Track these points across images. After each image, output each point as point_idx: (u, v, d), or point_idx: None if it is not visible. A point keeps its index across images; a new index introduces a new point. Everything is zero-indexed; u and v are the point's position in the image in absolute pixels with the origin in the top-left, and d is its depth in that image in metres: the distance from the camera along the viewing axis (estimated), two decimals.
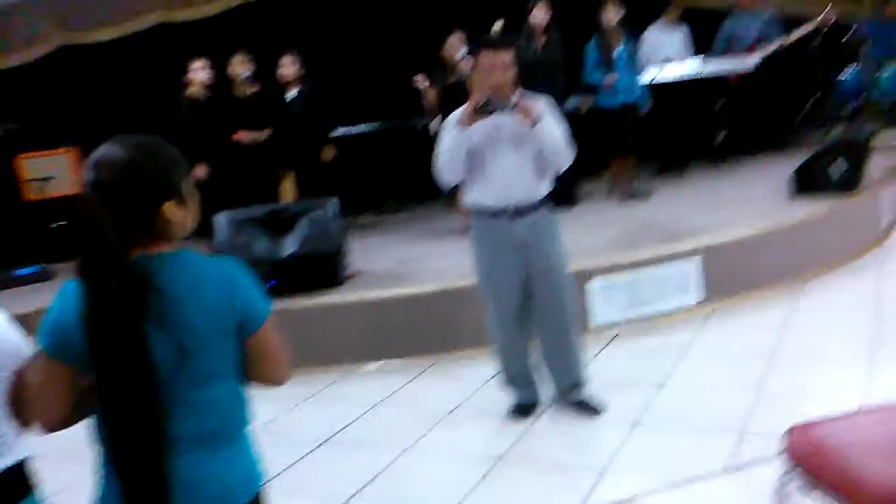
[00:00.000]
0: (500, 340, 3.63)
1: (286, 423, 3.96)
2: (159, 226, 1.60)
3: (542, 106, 3.34)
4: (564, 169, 3.45)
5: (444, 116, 3.55)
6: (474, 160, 3.37)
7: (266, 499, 1.74)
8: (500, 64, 3.28)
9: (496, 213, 3.41)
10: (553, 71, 6.36)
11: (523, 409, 3.67)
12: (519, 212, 3.39)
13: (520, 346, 3.61)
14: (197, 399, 1.59)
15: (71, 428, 1.65)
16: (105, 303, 1.50)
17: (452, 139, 3.31)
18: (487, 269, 3.51)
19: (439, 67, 6.16)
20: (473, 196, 3.46)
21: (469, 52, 3.57)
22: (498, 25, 6.20)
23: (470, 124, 3.26)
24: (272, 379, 1.74)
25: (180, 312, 1.55)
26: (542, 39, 6.30)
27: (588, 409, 3.61)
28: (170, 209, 1.60)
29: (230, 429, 1.67)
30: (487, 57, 3.31)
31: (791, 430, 2.19)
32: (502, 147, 3.35)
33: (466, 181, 3.46)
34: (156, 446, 1.52)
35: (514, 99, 3.26)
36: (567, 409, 3.67)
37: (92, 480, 1.64)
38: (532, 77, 6.06)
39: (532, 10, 6.27)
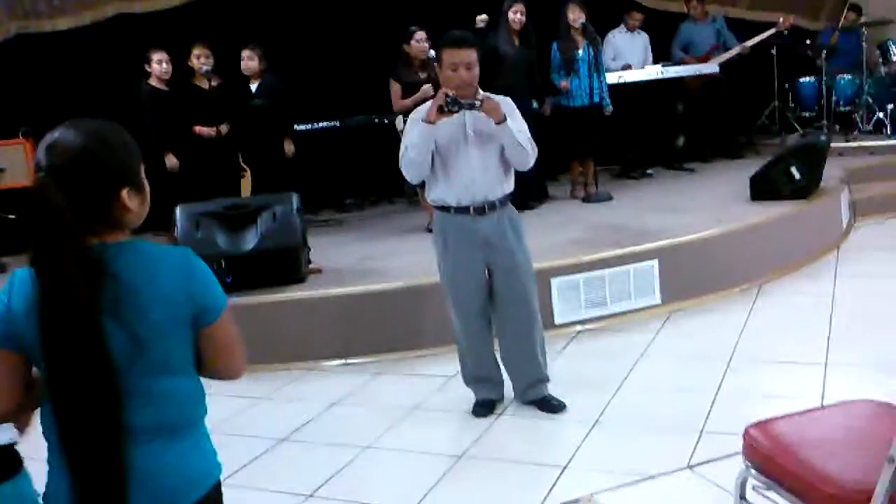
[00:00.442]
0: (462, 338, 3.62)
1: (245, 419, 3.90)
2: (115, 214, 1.56)
3: (507, 105, 3.34)
4: (528, 168, 3.45)
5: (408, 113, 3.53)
6: (438, 158, 3.36)
7: (221, 491, 1.71)
8: (464, 62, 3.27)
9: (459, 210, 3.40)
10: (531, 71, 6.39)
11: (485, 407, 3.66)
12: (482, 209, 3.39)
13: (482, 343, 3.61)
14: (152, 390, 1.56)
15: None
16: (60, 290, 1.45)
17: (418, 136, 3.28)
18: (451, 266, 3.50)
19: (403, 62, 6.12)
20: (437, 193, 3.45)
21: (433, 49, 3.55)
22: (481, 19, 6.20)
23: (435, 122, 3.24)
24: (228, 371, 1.72)
25: (136, 302, 1.51)
26: (517, 40, 6.31)
27: (549, 406, 3.62)
28: (127, 196, 1.56)
29: (187, 420, 1.64)
30: (451, 54, 3.29)
31: (749, 429, 2.21)
32: (467, 145, 3.35)
33: (430, 178, 3.44)
34: (112, 437, 1.48)
35: (479, 97, 3.25)
36: (528, 407, 3.67)
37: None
38: (514, 77, 6.13)
39: (509, 10, 6.25)
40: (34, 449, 1.63)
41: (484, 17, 6.33)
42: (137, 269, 1.54)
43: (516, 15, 6.23)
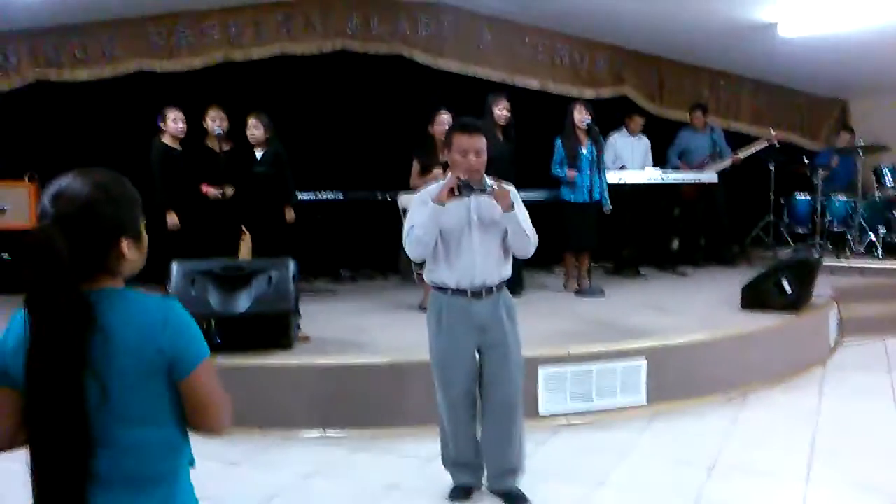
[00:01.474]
0: (446, 420, 3.57)
1: (218, 484, 3.81)
2: (113, 262, 1.60)
3: (513, 194, 3.36)
4: (528, 255, 3.48)
5: None
6: (441, 240, 3.38)
7: None
8: (474, 148, 3.32)
9: (457, 293, 3.41)
10: (511, 165, 6.46)
11: (463, 493, 3.60)
12: (480, 293, 3.40)
13: (465, 428, 3.54)
14: (118, 440, 1.56)
15: None
16: (50, 336, 1.48)
17: (428, 216, 3.29)
18: (443, 347, 3.47)
19: (426, 143, 6.23)
20: (437, 274, 3.46)
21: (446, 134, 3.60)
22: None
23: (444, 203, 3.26)
24: (206, 427, 1.69)
25: (107, 349, 1.53)
26: (501, 135, 6.43)
27: (511, 500, 3.53)
28: (126, 246, 1.61)
29: (157, 473, 1.63)
30: (462, 140, 3.34)
31: None
32: (470, 229, 3.37)
33: (431, 259, 3.45)
34: (78, 481, 1.49)
35: (490, 182, 3.29)
36: (495, 499, 3.59)
37: None
38: (499, 168, 6.21)
39: (494, 105, 6.39)
40: None
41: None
42: (114, 317, 1.56)
43: (502, 112, 6.38)
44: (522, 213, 3.38)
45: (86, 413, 1.50)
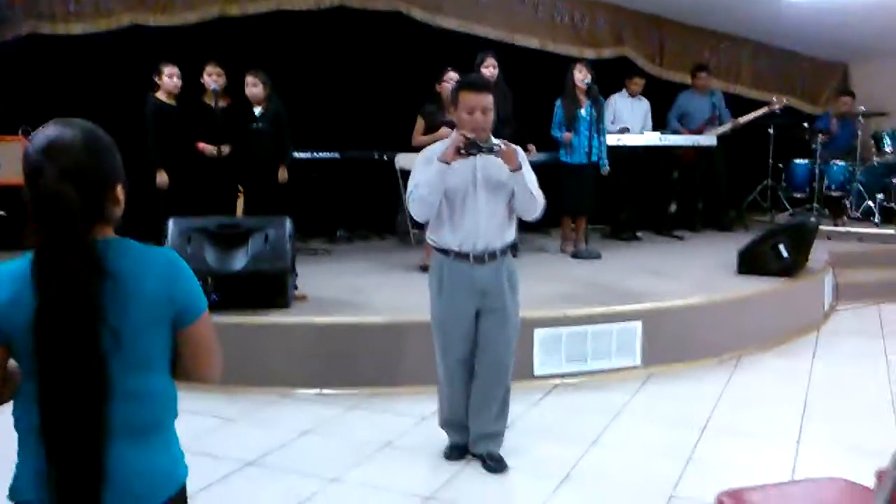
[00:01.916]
0: (443, 382, 3.58)
1: (215, 439, 3.86)
2: (108, 210, 1.60)
3: (519, 154, 3.30)
4: (534, 217, 3.43)
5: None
6: (446, 201, 3.32)
7: (186, 495, 1.71)
8: (481, 105, 3.25)
9: (459, 256, 3.37)
10: (507, 120, 6.38)
11: (458, 451, 3.63)
12: (482, 258, 3.36)
13: (461, 390, 3.55)
14: (128, 387, 1.56)
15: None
16: (68, 288, 1.47)
17: (434, 175, 3.23)
18: (443, 309, 3.45)
19: (433, 101, 6.15)
20: (439, 236, 3.41)
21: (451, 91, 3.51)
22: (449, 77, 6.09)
23: (450, 162, 3.20)
24: (204, 374, 1.73)
25: (119, 298, 1.53)
26: None
27: (486, 465, 3.53)
28: (119, 192, 1.61)
29: (159, 421, 1.65)
30: (469, 97, 3.27)
31: (721, 496, 2.21)
32: (475, 191, 3.32)
33: (435, 220, 3.40)
34: (94, 430, 1.50)
35: (498, 142, 3.22)
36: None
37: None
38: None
39: (480, 65, 6.28)
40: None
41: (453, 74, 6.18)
42: (124, 266, 1.56)
43: (487, 69, 6.25)
44: (530, 175, 3.32)
45: (102, 361, 1.50)
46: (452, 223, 3.35)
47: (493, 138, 3.29)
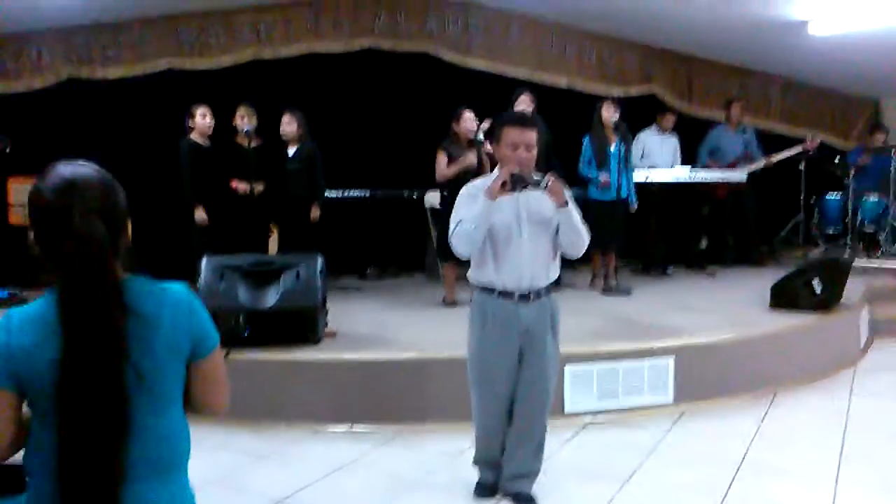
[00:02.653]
0: (481, 422, 3.50)
1: (244, 476, 3.86)
2: (121, 247, 1.61)
3: (566, 189, 3.26)
4: (579, 254, 3.38)
5: (450, 189, 3.45)
6: (489, 238, 3.27)
7: None
8: (525, 142, 3.23)
9: (504, 294, 3.30)
10: (548, 156, 6.42)
11: (489, 489, 3.58)
12: (527, 296, 3.30)
13: (498, 429, 3.47)
14: (148, 426, 1.57)
15: None
16: (98, 326, 1.48)
17: (480, 210, 3.17)
18: (485, 349, 3.37)
19: (451, 139, 6.22)
20: (482, 274, 3.34)
21: (492, 127, 3.50)
22: (484, 126, 5.98)
23: (495, 198, 3.15)
24: (215, 405, 1.74)
25: (144, 336, 1.55)
26: None
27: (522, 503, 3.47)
28: (128, 229, 1.64)
29: (178, 458, 1.65)
30: (514, 133, 3.24)
31: None
32: (520, 228, 3.27)
33: (477, 258, 3.34)
34: (113, 472, 1.49)
35: (546, 177, 3.15)
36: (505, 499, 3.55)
37: None
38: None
39: (517, 100, 6.33)
40: None
41: (487, 123, 6.04)
42: (143, 303, 1.58)
43: (521, 106, 6.30)
44: (576, 210, 3.28)
45: (126, 399, 1.51)
46: (496, 261, 3.29)
47: (535, 173, 3.22)
